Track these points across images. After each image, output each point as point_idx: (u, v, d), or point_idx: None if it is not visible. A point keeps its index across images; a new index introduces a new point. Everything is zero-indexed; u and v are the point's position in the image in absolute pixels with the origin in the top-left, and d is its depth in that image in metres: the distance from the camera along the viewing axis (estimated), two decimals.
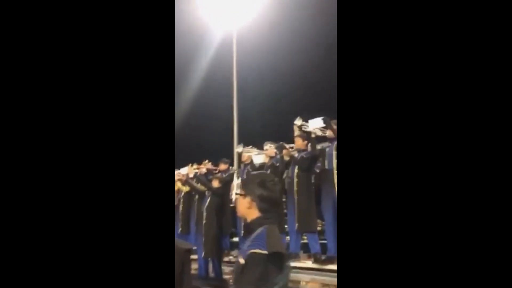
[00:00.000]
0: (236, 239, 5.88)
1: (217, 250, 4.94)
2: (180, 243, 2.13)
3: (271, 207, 1.42)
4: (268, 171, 4.97)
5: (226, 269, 5.13)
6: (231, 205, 5.19)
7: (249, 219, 1.44)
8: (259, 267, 1.20)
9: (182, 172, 5.52)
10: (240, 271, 1.26)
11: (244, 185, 1.47)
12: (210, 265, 4.99)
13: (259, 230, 1.37)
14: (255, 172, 1.46)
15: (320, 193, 4.31)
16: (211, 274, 4.86)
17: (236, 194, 1.44)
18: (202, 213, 5.19)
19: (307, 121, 4.35)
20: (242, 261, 1.29)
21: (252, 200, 1.42)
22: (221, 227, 5.13)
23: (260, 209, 1.41)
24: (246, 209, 1.44)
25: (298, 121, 4.44)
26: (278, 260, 1.21)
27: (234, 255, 5.48)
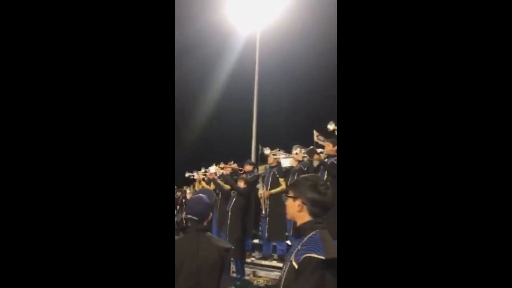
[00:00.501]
0: (256, 240, 5.89)
1: (241, 251, 4.94)
2: (218, 240, 2.13)
3: (323, 211, 1.40)
4: (295, 175, 4.97)
5: (247, 270, 5.15)
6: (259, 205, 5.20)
7: (299, 223, 1.42)
8: (316, 272, 1.18)
9: (211, 170, 5.56)
10: (294, 275, 1.25)
11: (294, 188, 1.45)
12: (232, 266, 5.00)
13: (311, 234, 1.35)
14: (306, 175, 1.44)
15: None
16: (234, 274, 4.86)
17: (286, 196, 1.42)
18: (226, 213, 5.21)
19: None
20: (294, 264, 1.27)
21: (303, 203, 1.41)
22: (245, 228, 5.13)
23: (312, 213, 1.40)
24: (297, 212, 1.42)
25: (331, 126, 4.39)
26: (334, 266, 1.19)
27: (256, 257, 5.49)
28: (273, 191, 5.19)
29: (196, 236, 2.00)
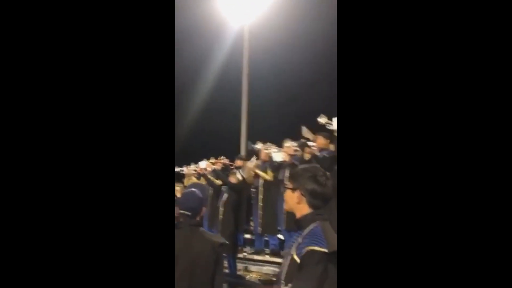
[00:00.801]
0: (248, 235, 5.85)
1: (233, 246, 4.89)
2: (212, 235, 2.07)
3: (323, 203, 1.35)
4: (287, 170, 4.92)
5: (239, 265, 5.11)
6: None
7: (298, 215, 1.37)
8: (319, 266, 1.13)
9: (201, 165, 5.48)
10: (297, 269, 1.19)
11: (293, 178, 1.39)
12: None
13: (311, 226, 1.30)
14: (305, 165, 1.39)
15: None
16: (225, 270, 4.81)
17: (285, 187, 1.36)
18: (217, 208, 5.15)
19: (331, 119, 4.26)
20: (296, 258, 1.22)
21: (302, 194, 1.35)
22: (237, 224, 5.08)
23: (311, 205, 1.35)
24: (296, 204, 1.37)
25: (322, 119, 4.35)
26: (336, 259, 1.14)
27: (248, 252, 5.45)
28: (259, 171, 5.09)
29: (189, 231, 1.93)
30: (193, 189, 2.07)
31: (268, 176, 5.02)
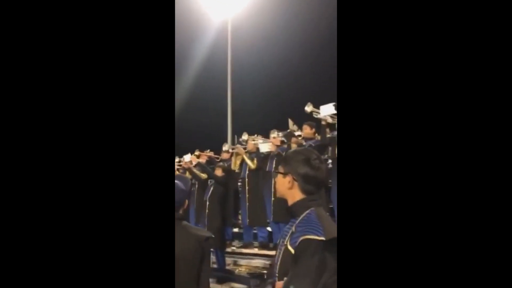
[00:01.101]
0: (236, 229, 5.73)
1: (221, 241, 4.77)
2: (197, 229, 1.93)
3: (317, 188, 1.24)
4: (274, 160, 4.82)
5: (228, 260, 5.00)
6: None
7: (290, 201, 1.25)
8: (316, 255, 1.02)
9: (186, 159, 5.31)
10: (291, 261, 1.08)
11: (285, 162, 1.27)
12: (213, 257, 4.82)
13: (305, 213, 1.19)
14: (298, 148, 1.27)
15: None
16: (214, 265, 4.68)
17: (276, 172, 1.24)
18: (204, 202, 5.01)
19: (318, 108, 4.17)
20: (290, 249, 1.11)
21: (294, 179, 1.24)
22: (224, 217, 4.96)
23: (304, 190, 1.23)
24: (287, 189, 1.25)
25: (308, 107, 4.25)
26: (334, 247, 1.03)
27: (237, 246, 5.33)
28: (246, 158, 4.97)
29: None
30: (175, 181, 1.92)
31: (253, 165, 4.90)
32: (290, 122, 4.65)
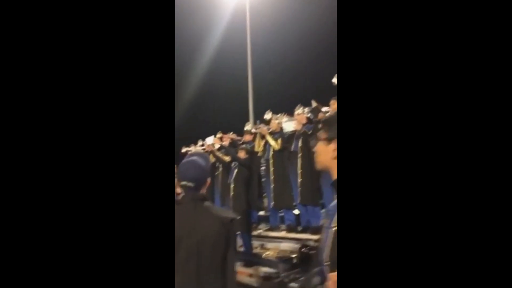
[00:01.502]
0: (262, 212, 5.58)
1: (247, 223, 4.64)
2: (221, 211, 1.75)
3: None
4: (300, 141, 4.57)
5: (255, 243, 4.88)
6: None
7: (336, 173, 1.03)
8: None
9: (208, 142, 5.17)
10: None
11: (328, 125, 1.05)
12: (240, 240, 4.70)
13: None
14: None
15: None
16: (241, 249, 4.57)
17: (317, 139, 1.00)
18: (228, 185, 4.88)
19: None
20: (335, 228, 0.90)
21: None
22: (249, 200, 4.80)
23: None
24: (332, 159, 1.03)
25: (336, 79, 3.95)
26: None
27: (264, 229, 5.19)
28: (270, 138, 4.74)
29: (193, 207, 1.62)
30: (194, 157, 1.74)
31: (277, 145, 4.67)
32: (314, 103, 4.39)
